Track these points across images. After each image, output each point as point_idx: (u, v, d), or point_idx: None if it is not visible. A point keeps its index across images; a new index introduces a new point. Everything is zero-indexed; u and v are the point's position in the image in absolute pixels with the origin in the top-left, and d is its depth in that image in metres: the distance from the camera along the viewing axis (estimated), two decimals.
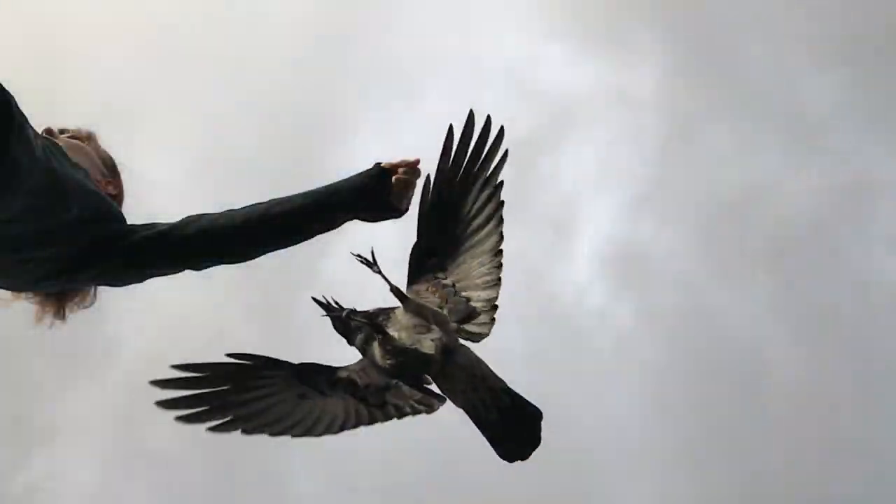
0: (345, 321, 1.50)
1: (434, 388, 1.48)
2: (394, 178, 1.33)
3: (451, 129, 1.59)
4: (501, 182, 1.64)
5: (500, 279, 1.58)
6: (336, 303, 1.52)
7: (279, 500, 4.93)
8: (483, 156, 1.61)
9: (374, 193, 1.33)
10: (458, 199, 1.61)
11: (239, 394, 1.45)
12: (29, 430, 4.75)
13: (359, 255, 1.48)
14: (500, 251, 1.61)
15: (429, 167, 1.36)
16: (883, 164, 5.06)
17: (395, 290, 1.50)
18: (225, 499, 4.84)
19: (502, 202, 1.63)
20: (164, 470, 4.85)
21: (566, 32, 5.32)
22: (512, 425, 1.42)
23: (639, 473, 4.99)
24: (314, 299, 1.52)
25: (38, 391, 4.71)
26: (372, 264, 1.48)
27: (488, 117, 1.59)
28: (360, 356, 1.53)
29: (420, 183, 1.38)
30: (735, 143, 5.16)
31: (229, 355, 1.45)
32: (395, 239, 1.77)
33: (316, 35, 5.10)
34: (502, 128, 1.61)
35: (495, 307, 1.57)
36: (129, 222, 1.41)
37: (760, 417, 4.91)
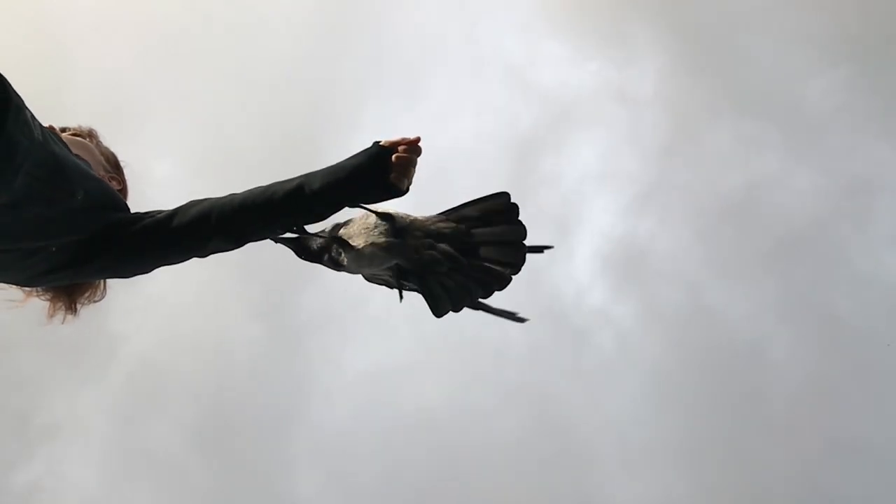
0: (307, 247, 1.54)
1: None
2: (394, 157, 1.29)
3: None
4: None
5: None
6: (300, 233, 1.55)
7: (279, 500, 4.94)
8: None
9: (374, 173, 1.30)
10: None
11: None
12: (30, 428, 4.75)
13: None
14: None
15: (428, 163, 1.33)
16: (883, 163, 5.06)
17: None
18: (225, 499, 4.85)
19: None
20: (164, 470, 4.86)
21: (567, 31, 5.33)
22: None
23: (639, 473, 5.00)
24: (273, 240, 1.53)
25: (39, 390, 4.71)
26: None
27: None
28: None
29: (420, 161, 1.33)
30: (735, 143, 5.17)
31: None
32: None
33: (317, 34, 5.10)
34: None
35: None
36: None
37: (760, 417, 4.92)
